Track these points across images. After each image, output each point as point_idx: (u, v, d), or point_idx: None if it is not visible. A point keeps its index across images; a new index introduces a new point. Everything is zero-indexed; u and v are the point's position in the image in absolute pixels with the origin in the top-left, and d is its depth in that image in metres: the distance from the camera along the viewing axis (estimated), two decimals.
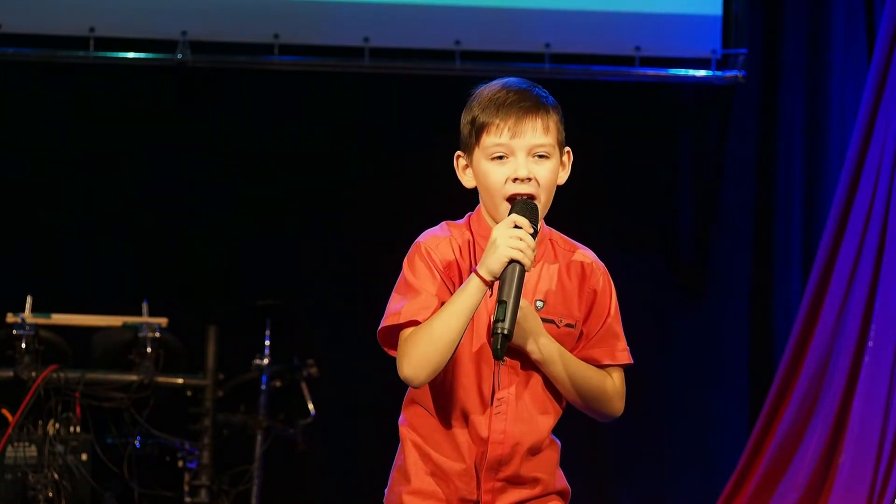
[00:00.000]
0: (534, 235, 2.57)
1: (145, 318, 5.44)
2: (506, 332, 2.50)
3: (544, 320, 2.68)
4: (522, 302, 2.59)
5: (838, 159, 5.80)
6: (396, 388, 2.79)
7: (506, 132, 2.64)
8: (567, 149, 2.73)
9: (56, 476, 5.01)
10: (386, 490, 2.78)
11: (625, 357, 2.78)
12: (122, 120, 6.14)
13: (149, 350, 5.34)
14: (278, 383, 5.77)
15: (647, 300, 6.17)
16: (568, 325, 2.71)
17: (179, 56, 5.96)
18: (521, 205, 2.61)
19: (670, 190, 6.36)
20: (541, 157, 2.65)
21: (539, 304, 2.69)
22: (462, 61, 6.07)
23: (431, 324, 2.58)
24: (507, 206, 2.64)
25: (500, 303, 2.52)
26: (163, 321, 5.45)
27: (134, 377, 5.27)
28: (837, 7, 5.98)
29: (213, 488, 5.40)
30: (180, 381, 5.40)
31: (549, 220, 2.79)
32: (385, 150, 6.23)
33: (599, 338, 2.76)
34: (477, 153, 2.68)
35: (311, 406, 5.74)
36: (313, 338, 6.10)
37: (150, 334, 5.37)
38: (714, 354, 6.29)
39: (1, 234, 6.06)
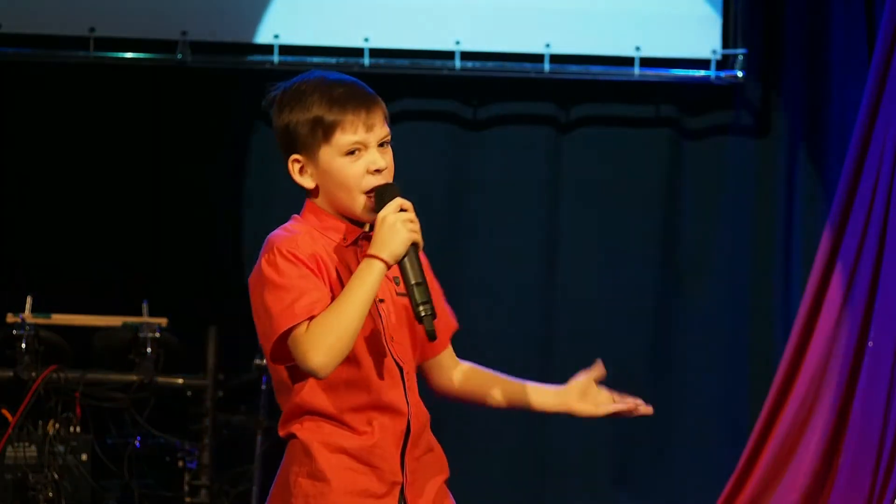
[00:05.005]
0: None
1: (145, 318, 5.44)
2: (432, 311, 2.60)
3: (402, 295, 2.70)
4: None
5: (838, 159, 5.79)
6: None
7: (361, 128, 2.68)
8: None
9: (56, 476, 5.01)
10: None
11: None
12: (122, 120, 6.14)
13: (149, 350, 5.34)
14: None
15: (647, 300, 6.16)
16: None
17: (179, 56, 5.96)
18: (391, 189, 2.67)
19: (670, 190, 6.35)
20: (384, 145, 2.72)
21: (397, 280, 2.72)
22: (462, 61, 6.07)
23: (339, 312, 2.57)
24: (365, 198, 2.68)
25: (418, 285, 2.60)
26: (163, 321, 5.44)
27: (134, 377, 5.27)
28: (837, 7, 5.97)
29: (213, 488, 5.40)
30: (180, 381, 5.40)
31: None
32: None
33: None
34: (325, 151, 2.70)
35: None
36: None
37: (150, 334, 5.37)
38: (714, 354, 6.29)
39: (1, 234, 6.06)
